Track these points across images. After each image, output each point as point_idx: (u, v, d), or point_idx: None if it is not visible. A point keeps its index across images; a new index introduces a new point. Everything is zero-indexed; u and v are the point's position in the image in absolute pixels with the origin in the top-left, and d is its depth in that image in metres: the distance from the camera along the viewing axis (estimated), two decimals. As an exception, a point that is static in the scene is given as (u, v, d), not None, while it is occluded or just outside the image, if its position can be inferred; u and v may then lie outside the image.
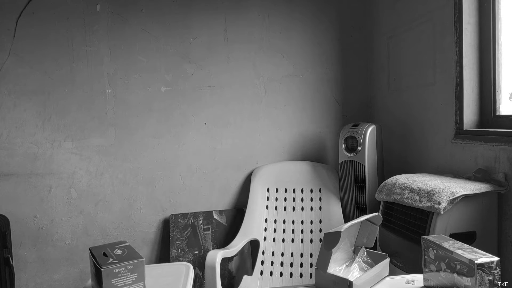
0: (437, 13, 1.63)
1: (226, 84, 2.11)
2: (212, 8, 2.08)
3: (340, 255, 1.06)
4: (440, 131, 1.64)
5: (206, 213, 2.06)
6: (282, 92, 2.18)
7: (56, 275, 1.96)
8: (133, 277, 0.73)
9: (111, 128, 2.00)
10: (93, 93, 1.98)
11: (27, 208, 1.93)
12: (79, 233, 1.98)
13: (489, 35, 1.45)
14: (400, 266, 1.40)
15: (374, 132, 1.82)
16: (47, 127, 1.94)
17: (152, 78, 2.04)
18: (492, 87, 1.46)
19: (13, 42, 1.89)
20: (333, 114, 2.25)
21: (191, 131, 2.08)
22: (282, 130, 2.19)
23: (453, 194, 1.22)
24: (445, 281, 0.86)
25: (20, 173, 1.92)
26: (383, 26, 2.09)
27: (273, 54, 2.16)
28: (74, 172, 1.97)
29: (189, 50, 2.07)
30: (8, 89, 1.90)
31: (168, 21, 2.04)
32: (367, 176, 1.80)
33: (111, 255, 0.75)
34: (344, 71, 2.24)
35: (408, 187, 1.39)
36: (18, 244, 1.91)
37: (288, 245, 1.93)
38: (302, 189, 2.02)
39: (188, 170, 2.08)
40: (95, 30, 1.97)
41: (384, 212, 1.52)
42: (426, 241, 0.92)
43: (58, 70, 1.94)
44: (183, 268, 0.93)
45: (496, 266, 0.77)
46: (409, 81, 1.88)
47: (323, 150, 2.25)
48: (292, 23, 2.17)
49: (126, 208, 2.02)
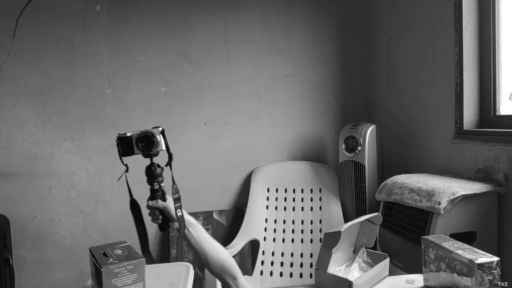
0: (437, 13, 1.63)
1: (226, 84, 2.11)
2: (212, 7, 2.08)
3: (340, 255, 1.06)
4: (440, 131, 1.64)
5: (206, 213, 2.06)
6: (282, 92, 2.18)
7: (56, 275, 1.96)
8: (133, 277, 0.73)
9: (111, 128, 2.00)
10: (92, 93, 1.98)
11: (27, 208, 1.93)
12: (79, 233, 1.98)
13: (489, 35, 1.45)
14: (400, 266, 1.39)
15: (374, 132, 1.82)
16: (46, 127, 1.94)
17: (152, 78, 2.04)
18: (492, 87, 1.46)
19: (13, 42, 1.89)
20: (333, 114, 2.24)
21: (191, 131, 2.08)
22: (282, 130, 2.19)
23: (453, 194, 1.22)
24: (445, 281, 0.86)
25: (20, 173, 1.92)
26: (383, 26, 2.09)
27: (273, 54, 2.16)
28: (74, 172, 1.97)
29: (189, 50, 2.07)
30: (8, 89, 1.89)
31: (168, 21, 2.04)
32: (367, 176, 1.80)
33: (111, 255, 0.75)
34: (344, 71, 2.24)
35: (408, 187, 1.39)
36: (18, 244, 1.91)
37: (288, 245, 1.93)
38: (302, 189, 2.02)
39: (188, 170, 2.08)
40: (95, 30, 1.97)
41: (384, 212, 1.52)
42: (426, 241, 0.92)
43: (58, 70, 1.94)
44: (183, 268, 0.93)
45: (496, 266, 0.77)
46: (409, 81, 1.88)
47: (323, 150, 2.25)
48: (292, 23, 2.17)
49: (126, 208, 2.00)
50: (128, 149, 0.95)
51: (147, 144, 0.93)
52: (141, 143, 0.93)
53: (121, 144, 0.94)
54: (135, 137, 0.93)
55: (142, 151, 0.94)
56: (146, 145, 0.94)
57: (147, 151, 0.95)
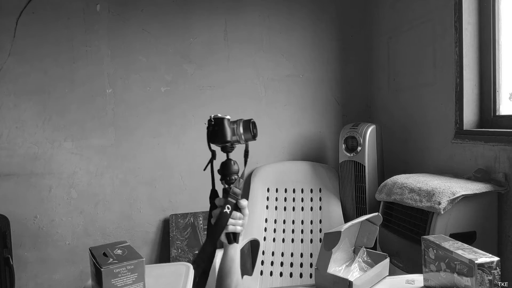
0: (437, 13, 1.63)
1: (226, 84, 2.11)
2: (212, 8, 2.08)
3: (340, 255, 1.06)
4: (440, 131, 1.64)
5: (206, 213, 2.06)
6: (282, 92, 2.18)
7: (56, 275, 1.96)
8: (133, 277, 0.73)
9: (111, 128, 2.00)
10: (93, 93, 1.98)
11: (27, 208, 1.93)
12: (79, 233, 1.98)
13: (489, 35, 1.45)
14: (400, 266, 1.39)
15: (374, 132, 1.82)
16: (47, 127, 1.94)
17: (152, 78, 2.04)
18: (492, 87, 1.46)
19: (13, 42, 1.89)
20: (333, 114, 2.24)
21: (191, 130, 2.08)
22: (282, 130, 2.19)
23: (453, 194, 1.22)
24: (445, 281, 0.86)
25: (20, 173, 1.92)
26: (383, 26, 2.09)
27: (273, 53, 2.16)
28: (74, 172, 1.97)
29: (189, 49, 2.07)
30: (8, 89, 1.89)
31: (168, 20, 2.04)
32: (367, 176, 1.80)
33: (111, 255, 0.75)
34: (344, 71, 2.24)
35: (408, 187, 1.39)
36: (18, 244, 1.91)
37: (288, 245, 1.93)
38: (302, 189, 2.02)
39: (188, 170, 2.08)
40: (95, 30, 1.97)
41: (384, 212, 1.52)
42: (426, 241, 0.92)
43: (58, 70, 1.94)
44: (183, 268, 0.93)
45: (496, 266, 0.77)
46: (409, 81, 1.88)
47: (323, 150, 2.25)
48: (292, 23, 2.17)
49: (126, 208, 2.02)
50: (218, 135, 0.86)
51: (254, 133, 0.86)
52: (254, 129, 0.87)
53: (215, 126, 0.85)
54: (243, 123, 0.85)
55: (252, 138, 0.86)
56: (255, 134, 0.86)
57: (253, 139, 0.87)
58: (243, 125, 0.86)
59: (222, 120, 0.85)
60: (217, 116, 0.85)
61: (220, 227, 0.84)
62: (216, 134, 0.86)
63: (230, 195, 0.87)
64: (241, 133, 0.86)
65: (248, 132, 0.86)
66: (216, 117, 0.85)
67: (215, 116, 0.85)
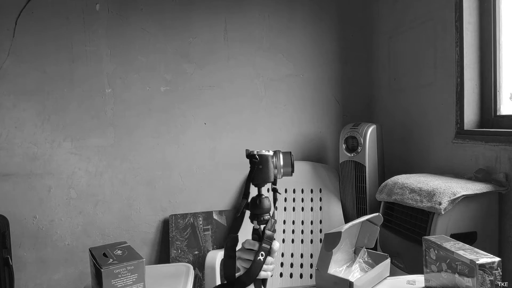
0: (438, 13, 1.63)
1: (226, 83, 2.11)
2: (212, 7, 2.08)
3: (341, 255, 1.05)
4: (441, 131, 1.64)
5: (206, 213, 2.05)
6: (282, 91, 2.17)
7: (55, 275, 1.96)
8: (133, 278, 0.73)
9: (111, 128, 2.00)
10: (92, 93, 1.97)
11: (27, 208, 1.92)
12: (78, 233, 1.98)
13: (489, 34, 1.45)
14: (401, 266, 1.39)
15: (375, 132, 1.82)
16: (46, 127, 1.94)
17: (151, 78, 2.03)
18: (493, 87, 1.46)
19: (12, 41, 1.88)
20: (334, 114, 2.24)
21: (191, 130, 2.08)
22: (282, 130, 2.19)
23: (454, 194, 1.22)
24: (446, 281, 0.85)
25: (20, 173, 1.91)
26: (383, 25, 2.09)
27: (273, 53, 2.15)
28: (74, 172, 1.97)
29: (189, 49, 2.06)
30: (8, 89, 1.89)
31: (168, 20, 2.03)
32: (368, 176, 1.80)
33: (111, 256, 0.75)
34: (345, 71, 2.24)
35: (409, 187, 1.39)
36: (17, 244, 1.91)
37: (288, 245, 1.93)
38: (302, 189, 2.02)
39: (187, 170, 2.07)
40: (94, 30, 1.96)
41: (384, 212, 1.52)
42: (427, 242, 0.92)
43: (58, 69, 1.93)
44: (183, 268, 0.93)
45: (497, 266, 0.76)
46: (409, 81, 1.87)
47: (323, 150, 2.24)
48: (293, 23, 2.17)
49: (125, 209, 2.02)
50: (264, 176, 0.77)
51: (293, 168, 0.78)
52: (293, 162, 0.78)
53: (259, 164, 0.76)
54: (284, 156, 0.77)
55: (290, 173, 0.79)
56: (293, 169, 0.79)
57: (290, 175, 0.79)
58: (283, 159, 0.79)
59: (267, 158, 0.77)
60: (262, 153, 0.76)
61: (253, 276, 0.75)
62: (261, 173, 0.77)
63: (265, 240, 0.77)
64: (281, 166, 0.79)
65: (289, 166, 0.80)
66: (260, 154, 0.76)
67: (259, 153, 0.76)
